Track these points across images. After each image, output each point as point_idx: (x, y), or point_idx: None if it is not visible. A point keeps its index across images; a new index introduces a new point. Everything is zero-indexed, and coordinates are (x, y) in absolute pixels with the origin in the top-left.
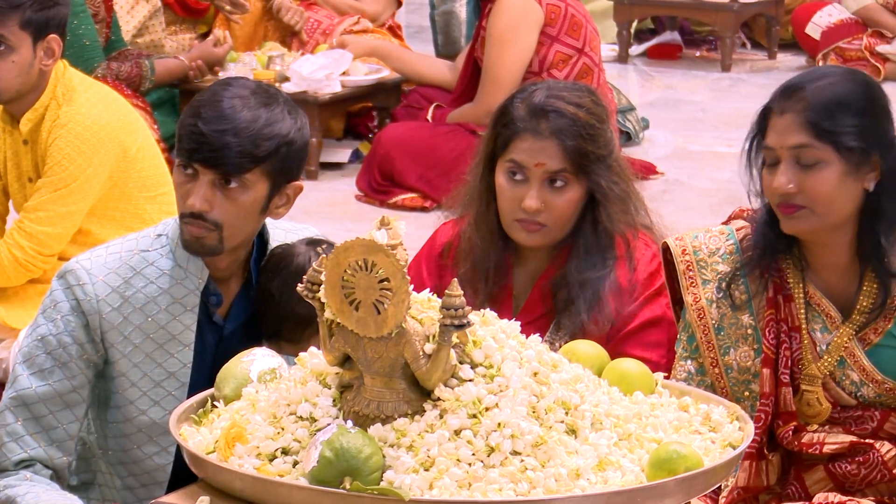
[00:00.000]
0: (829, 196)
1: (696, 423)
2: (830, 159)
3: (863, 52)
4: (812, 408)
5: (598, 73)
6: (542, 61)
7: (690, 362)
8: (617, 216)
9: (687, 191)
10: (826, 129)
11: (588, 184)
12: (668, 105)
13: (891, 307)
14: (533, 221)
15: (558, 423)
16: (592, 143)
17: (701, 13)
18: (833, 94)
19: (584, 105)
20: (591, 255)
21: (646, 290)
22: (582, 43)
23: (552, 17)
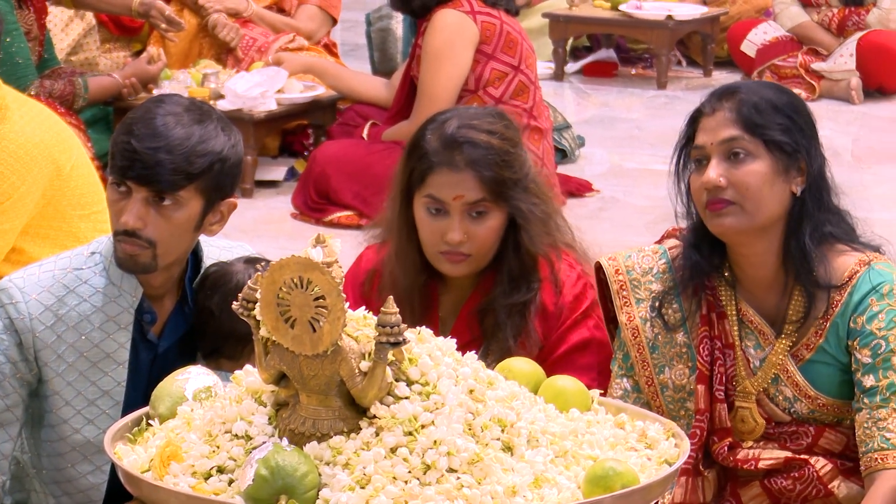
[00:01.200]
0: (758, 191)
1: (632, 439)
2: (760, 154)
3: (798, 69)
4: (746, 424)
5: (535, 90)
6: (477, 79)
7: (626, 380)
8: (539, 238)
9: (623, 208)
10: (757, 122)
11: (508, 208)
12: (604, 123)
13: (821, 322)
14: (457, 253)
15: (494, 441)
16: (509, 169)
17: (636, 31)
18: (764, 96)
19: (497, 131)
20: (516, 279)
21: (573, 313)
22: (518, 60)
23: (487, 34)
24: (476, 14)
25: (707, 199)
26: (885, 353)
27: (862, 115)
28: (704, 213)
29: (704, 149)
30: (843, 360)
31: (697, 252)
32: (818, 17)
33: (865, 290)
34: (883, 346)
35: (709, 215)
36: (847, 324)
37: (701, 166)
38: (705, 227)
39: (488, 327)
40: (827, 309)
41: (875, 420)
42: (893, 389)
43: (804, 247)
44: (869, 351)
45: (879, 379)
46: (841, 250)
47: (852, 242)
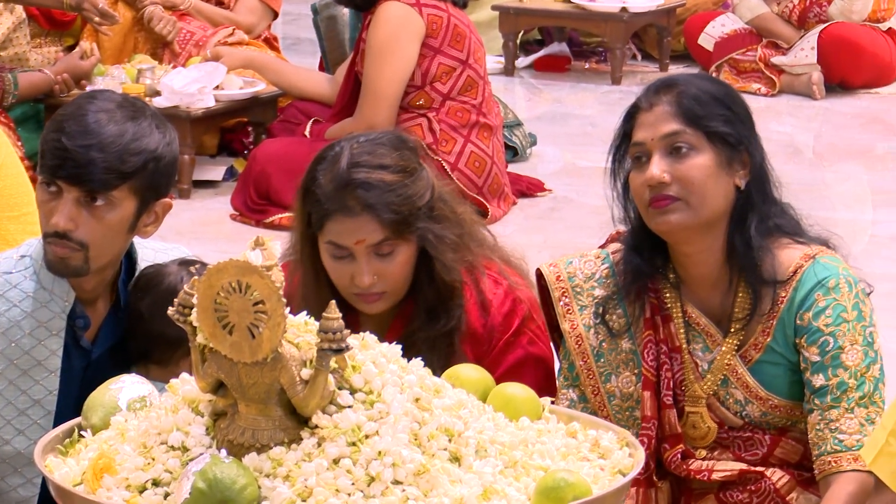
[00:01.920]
0: (702, 185)
1: (584, 449)
2: (703, 147)
3: (757, 63)
4: (698, 430)
5: (484, 85)
6: (424, 74)
7: (572, 390)
8: (453, 264)
9: (576, 208)
10: (698, 115)
11: (416, 238)
12: (557, 119)
13: (768, 319)
14: (370, 294)
15: (441, 451)
16: (406, 203)
17: (590, 24)
18: (702, 87)
19: (390, 164)
20: (434, 310)
21: (504, 334)
22: (466, 54)
23: (434, 27)
24: (422, 6)
25: (650, 197)
26: (834, 351)
27: (824, 111)
28: (647, 211)
29: (644, 145)
30: (792, 359)
31: (638, 255)
32: (778, 9)
33: (811, 284)
34: (831, 344)
35: (652, 213)
36: (793, 321)
37: (641, 163)
38: (645, 229)
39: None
40: (773, 306)
41: (827, 421)
42: (844, 388)
43: (749, 241)
44: (817, 349)
45: (829, 378)
46: (785, 244)
47: (797, 235)
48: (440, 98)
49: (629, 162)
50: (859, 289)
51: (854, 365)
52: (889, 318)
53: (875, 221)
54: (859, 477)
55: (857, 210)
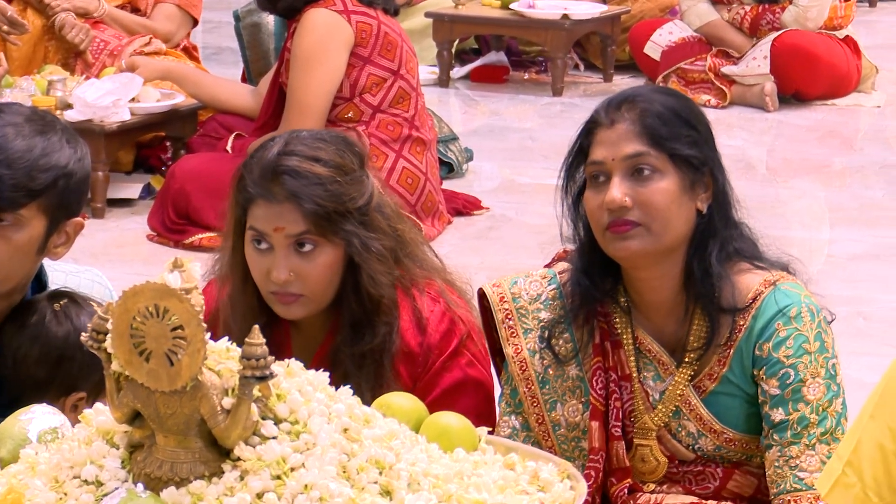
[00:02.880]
0: (666, 210)
1: (523, 482)
2: (667, 170)
3: (707, 73)
4: (647, 463)
5: (416, 97)
6: (353, 85)
7: (515, 418)
8: (379, 277)
9: (515, 227)
10: (663, 135)
11: (343, 243)
12: (494, 133)
13: (724, 349)
14: (286, 293)
15: (371, 484)
16: (335, 201)
17: (529, 32)
18: (665, 104)
19: (325, 158)
20: (358, 325)
21: (442, 354)
22: (397, 64)
23: (363, 36)
24: (350, 14)
25: (609, 221)
26: (795, 384)
27: (777, 124)
28: (604, 235)
29: (604, 164)
30: (749, 391)
31: (587, 277)
32: (729, 16)
33: (771, 313)
34: (792, 376)
35: (610, 238)
36: (752, 351)
37: (598, 183)
38: (596, 249)
39: (339, 378)
40: (730, 335)
41: (786, 458)
42: (805, 424)
43: (709, 268)
44: (777, 381)
45: (789, 412)
46: (744, 269)
47: (756, 260)
48: (370, 111)
49: (581, 176)
50: (821, 318)
51: (816, 399)
52: (848, 345)
53: (832, 241)
54: None
55: (813, 229)
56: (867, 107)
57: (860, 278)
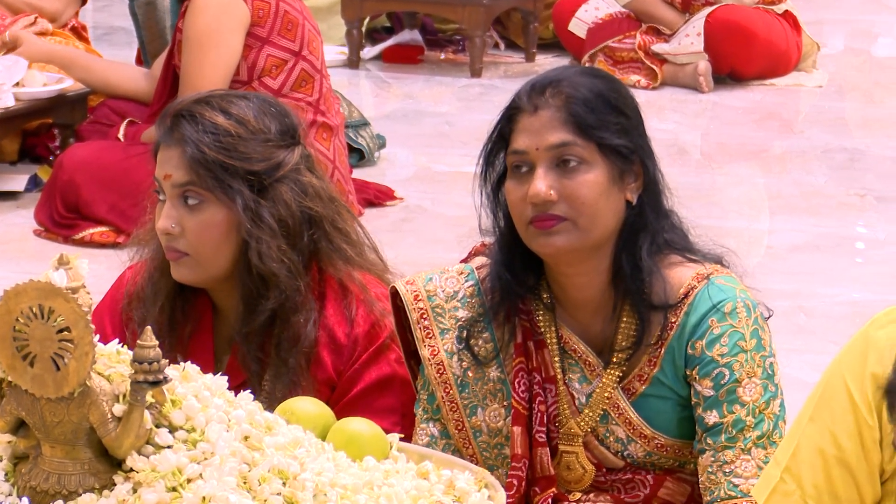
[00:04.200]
0: (594, 204)
1: (437, 492)
2: (595, 161)
3: (636, 52)
4: (573, 471)
5: (321, 79)
6: (251, 68)
7: (433, 425)
8: (270, 251)
9: (431, 219)
10: (590, 124)
11: (236, 207)
12: (409, 118)
13: (655, 348)
14: (172, 248)
15: (274, 496)
16: (225, 153)
17: (445, 8)
18: (592, 88)
19: (231, 111)
20: (250, 301)
21: (369, 346)
22: (299, 45)
23: (260, 15)
24: None
25: (532, 215)
26: (730, 385)
27: (712, 106)
28: (527, 229)
29: (527, 154)
30: (681, 393)
31: (508, 271)
32: None
33: (704, 309)
34: (727, 376)
35: (534, 233)
36: (684, 350)
37: (521, 174)
38: (517, 242)
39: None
40: (661, 333)
41: (720, 464)
42: (741, 427)
43: (639, 262)
44: (711, 382)
45: (724, 415)
46: (676, 262)
47: (688, 252)
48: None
49: (501, 163)
50: (758, 314)
51: (752, 400)
52: (788, 342)
53: (771, 230)
54: None
55: (751, 218)
56: (808, 87)
57: (801, 271)
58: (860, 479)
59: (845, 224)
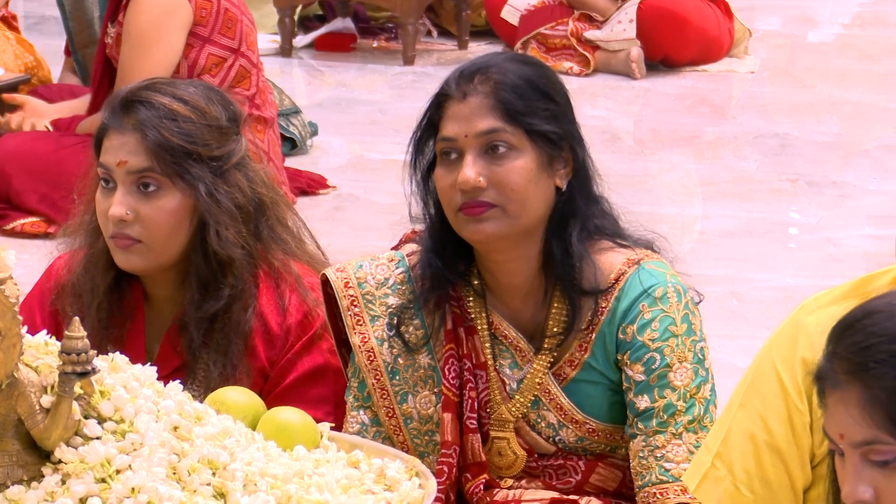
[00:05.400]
0: (523, 190)
1: (368, 480)
2: (524, 147)
3: (569, 39)
4: (504, 457)
5: (257, 73)
6: (192, 66)
7: (364, 412)
8: (229, 234)
9: (364, 207)
10: (519, 110)
11: (192, 193)
12: (341, 106)
13: (586, 333)
14: (123, 235)
15: (204, 486)
16: (185, 139)
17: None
18: (521, 74)
19: (185, 98)
20: (206, 286)
21: (302, 336)
22: (238, 42)
23: (202, 14)
24: None
25: (462, 202)
26: (661, 369)
27: (644, 92)
28: (456, 216)
29: (456, 141)
30: (612, 378)
31: (439, 258)
32: None
33: (635, 294)
34: (658, 361)
35: (463, 220)
36: (615, 335)
37: (450, 161)
38: (447, 228)
39: (188, 349)
40: (592, 318)
41: (652, 448)
42: (672, 411)
43: (569, 248)
44: (642, 366)
45: (655, 399)
46: (606, 248)
47: (618, 238)
48: None
49: (431, 150)
50: (688, 298)
51: (683, 385)
52: (720, 327)
53: (704, 216)
54: None
55: (683, 204)
56: (740, 73)
57: (733, 256)
58: (791, 463)
59: (777, 209)
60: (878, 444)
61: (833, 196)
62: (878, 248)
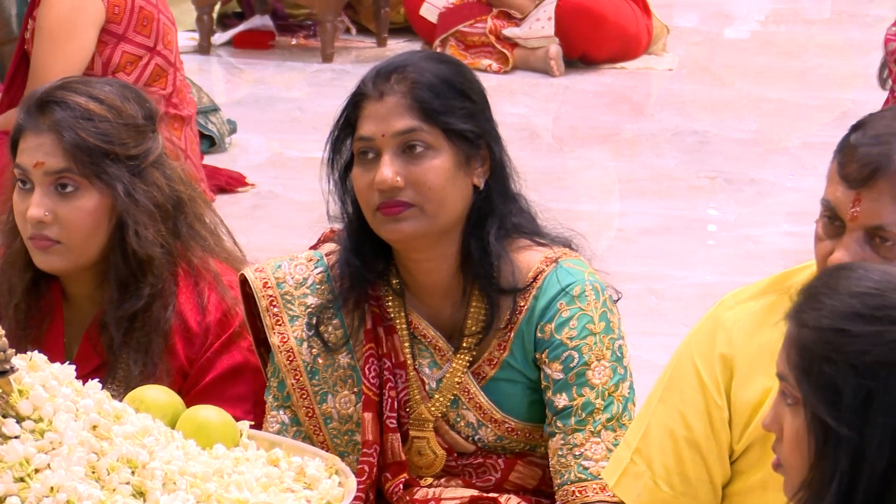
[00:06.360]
0: (440, 190)
1: (288, 479)
2: (441, 146)
3: (488, 36)
4: (424, 457)
5: (174, 72)
6: (105, 63)
7: (283, 412)
8: (148, 233)
9: (283, 205)
10: (436, 109)
11: (109, 193)
12: (260, 103)
13: (505, 332)
14: (42, 236)
15: (123, 485)
16: (102, 139)
17: None
18: (438, 74)
19: (100, 97)
20: (125, 285)
21: (222, 334)
22: (154, 40)
23: (115, 12)
24: None
25: (380, 202)
26: (579, 367)
27: (563, 90)
28: (374, 216)
29: (374, 140)
30: (531, 377)
31: (357, 257)
32: None
33: (553, 292)
34: (576, 359)
35: (381, 219)
36: (534, 333)
37: (368, 160)
38: (366, 228)
39: (109, 348)
40: (511, 317)
41: (570, 447)
42: (590, 409)
43: (487, 246)
44: (560, 365)
45: (573, 398)
46: (524, 246)
47: (536, 236)
48: None
49: (348, 151)
50: (606, 296)
51: (601, 383)
52: (639, 324)
53: (623, 213)
54: None
55: (602, 201)
56: (659, 70)
57: (652, 253)
58: (709, 459)
59: (696, 206)
60: (786, 382)
61: (751, 193)
62: (795, 244)
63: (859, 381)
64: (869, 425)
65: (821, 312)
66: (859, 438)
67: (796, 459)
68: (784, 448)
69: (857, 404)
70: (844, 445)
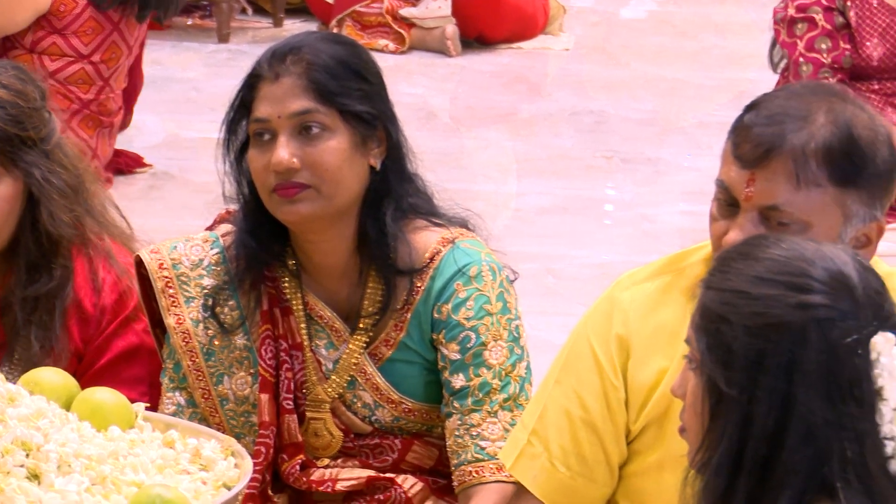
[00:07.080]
0: (337, 171)
1: (183, 460)
2: (337, 128)
3: (384, 16)
4: (321, 438)
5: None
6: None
7: (179, 394)
8: (62, 214)
9: (179, 186)
10: (332, 90)
11: (23, 177)
12: (156, 84)
13: (402, 313)
14: None
15: (17, 468)
16: (17, 126)
17: None
18: (334, 55)
19: (9, 84)
20: (35, 265)
21: (117, 316)
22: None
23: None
24: None
25: (276, 183)
26: (476, 348)
27: (460, 70)
28: (270, 197)
29: (269, 122)
30: (428, 357)
31: (253, 238)
32: None
33: (450, 273)
34: (473, 339)
35: (277, 201)
36: (430, 314)
37: (263, 142)
38: (262, 209)
39: (10, 328)
40: (407, 297)
41: (467, 427)
42: (487, 390)
43: (384, 227)
44: (457, 345)
45: (470, 378)
46: (420, 227)
47: (433, 216)
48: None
49: (244, 132)
50: (503, 277)
51: (498, 363)
52: (537, 304)
53: (519, 193)
54: (503, 488)
55: (499, 181)
56: (555, 50)
57: (549, 233)
58: (606, 439)
59: (593, 186)
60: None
61: (648, 173)
62: (692, 224)
63: (751, 342)
64: (758, 388)
65: (727, 275)
66: (748, 401)
67: (695, 422)
68: (686, 412)
69: (748, 366)
70: (734, 407)
